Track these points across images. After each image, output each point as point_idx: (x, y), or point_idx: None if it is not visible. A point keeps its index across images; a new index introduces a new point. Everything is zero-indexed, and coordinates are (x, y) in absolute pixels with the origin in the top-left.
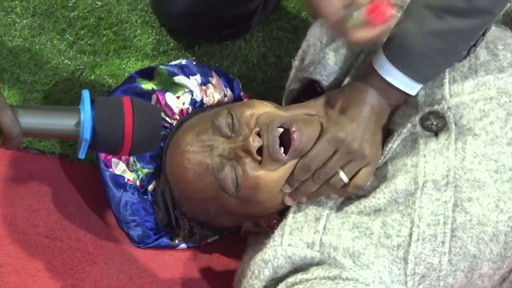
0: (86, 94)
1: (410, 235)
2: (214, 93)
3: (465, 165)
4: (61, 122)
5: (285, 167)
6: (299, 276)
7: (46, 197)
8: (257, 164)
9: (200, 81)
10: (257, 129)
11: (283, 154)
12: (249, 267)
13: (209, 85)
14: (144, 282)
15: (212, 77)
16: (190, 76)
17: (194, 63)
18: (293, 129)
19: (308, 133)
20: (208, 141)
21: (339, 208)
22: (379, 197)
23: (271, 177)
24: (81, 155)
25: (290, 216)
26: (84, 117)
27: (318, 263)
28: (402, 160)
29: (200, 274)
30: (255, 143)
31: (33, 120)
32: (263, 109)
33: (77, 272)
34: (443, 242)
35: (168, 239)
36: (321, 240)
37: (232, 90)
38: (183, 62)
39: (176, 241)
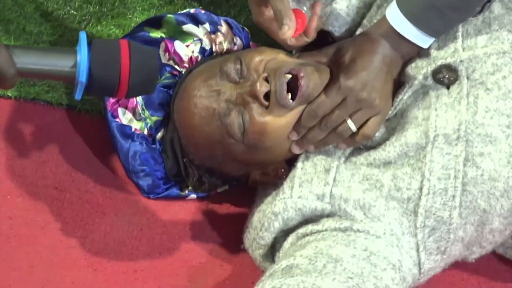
0: (83, 35)
1: (421, 188)
2: (223, 42)
3: (476, 120)
4: (57, 63)
5: (292, 113)
6: (310, 227)
7: (55, 149)
8: (264, 110)
9: (209, 30)
10: (265, 74)
11: (290, 100)
12: (259, 220)
13: (218, 33)
14: (154, 233)
15: (221, 25)
16: (199, 25)
17: (203, 11)
18: (301, 74)
19: (316, 80)
20: (215, 86)
21: (349, 159)
22: (390, 150)
23: (278, 122)
24: (77, 96)
25: (299, 166)
26: (80, 59)
27: (329, 215)
28: (413, 113)
29: (210, 224)
30: (262, 88)
31: (29, 60)
32: (273, 55)
33: (87, 223)
34: (453, 196)
35: (178, 189)
36: (331, 192)
37: (241, 39)
38: (192, 11)
39: (186, 192)
